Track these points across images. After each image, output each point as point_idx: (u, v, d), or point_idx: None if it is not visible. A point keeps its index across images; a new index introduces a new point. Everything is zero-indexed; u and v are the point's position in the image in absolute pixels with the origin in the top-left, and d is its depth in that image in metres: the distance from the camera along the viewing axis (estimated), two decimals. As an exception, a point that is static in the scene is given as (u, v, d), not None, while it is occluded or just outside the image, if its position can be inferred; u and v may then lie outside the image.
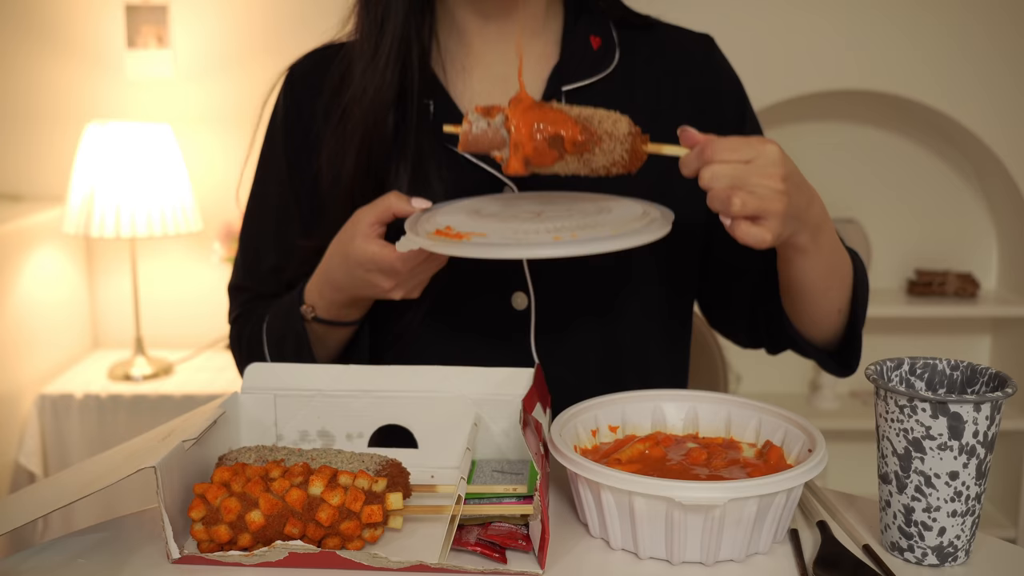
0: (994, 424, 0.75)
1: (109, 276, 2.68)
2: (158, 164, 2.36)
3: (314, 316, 1.05)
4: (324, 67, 1.11)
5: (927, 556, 0.77)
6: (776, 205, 0.85)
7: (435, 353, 1.07)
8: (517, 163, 0.88)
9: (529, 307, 1.07)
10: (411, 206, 0.96)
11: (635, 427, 0.92)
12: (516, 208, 0.98)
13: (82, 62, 2.58)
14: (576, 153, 0.88)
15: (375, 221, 0.97)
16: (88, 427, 2.35)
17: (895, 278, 2.79)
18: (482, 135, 0.90)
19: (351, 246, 0.97)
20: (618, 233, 0.88)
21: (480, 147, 0.91)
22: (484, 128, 0.89)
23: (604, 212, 0.96)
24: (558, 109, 0.89)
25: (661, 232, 0.90)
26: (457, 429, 0.93)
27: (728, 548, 0.77)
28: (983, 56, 2.50)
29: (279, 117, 1.14)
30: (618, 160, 0.90)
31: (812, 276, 0.97)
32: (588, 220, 0.93)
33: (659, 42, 1.13)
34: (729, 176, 0.84)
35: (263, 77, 1.17)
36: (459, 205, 1.00)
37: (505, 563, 0.76)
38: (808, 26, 2.48)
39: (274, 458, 0.84)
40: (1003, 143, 2.52)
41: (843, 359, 1.06)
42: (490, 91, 1.10)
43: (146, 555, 0.79)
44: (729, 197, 0.84)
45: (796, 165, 0.89)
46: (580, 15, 1.11)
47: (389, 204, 0.97)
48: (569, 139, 0.88)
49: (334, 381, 0.95)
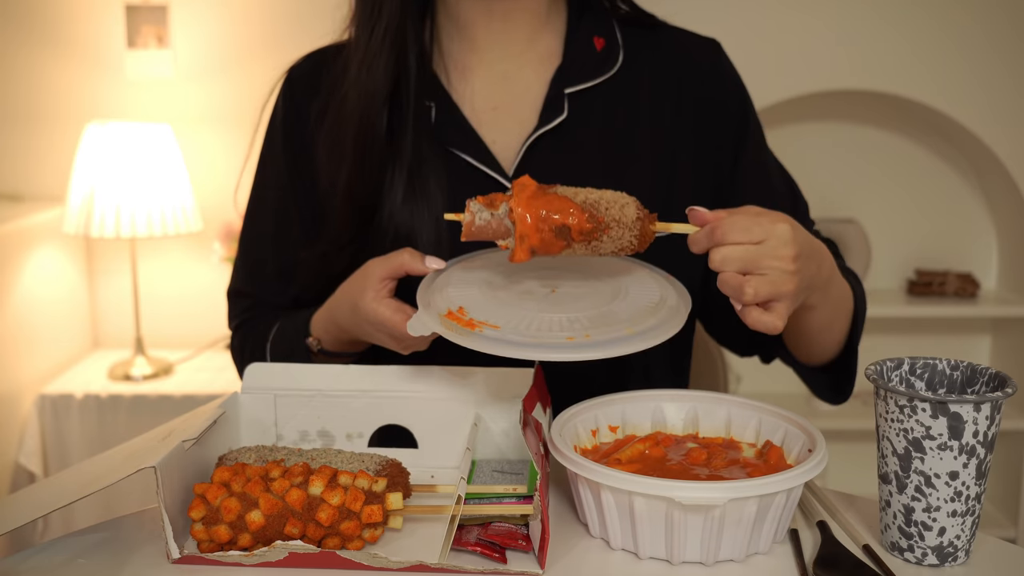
0: (994, 424, 0.75)
1: (109, 276, 2.68)
2: (158, 164, 2.36)
3: (320, 349, 1.05)
4: (323, 69, 1.11)
5: (927, 556, 0.77)
6: (787, 287, 0.83)
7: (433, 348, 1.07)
8: (523, 253, 0.87)
9: None
10: (424, 266, 0.95)
11: (635, 427, 0.92)
12: (531, 282, 0.96)
13: (82, 62, 2.58)
14: (583, 241, 0.86)
15: (386, 276, 0.95)
16: (88, 427, 2.35)
17: (895, 278, 2.79)
18: (486, 226, 0.87)
19: (361, 301, 0.96)
20: (633, 334, 0.86)
21: (484, 236, 0.88)
22: (487, 219, 0.87)
23: (620, 297, 0.93)
24: (563, 196, 0.87)
25: (674, 329, 0.88)
26: (457, 429, 0.93)
27: (728, 548, 0.77)
28: (983, 56, 2.50)
29: (278, 119, 1.14)
30: (626, 245, 0.88)
31: (818, 323, 0.98)
32: (603, 310, 0.90)
33: (664, 44, 1.12)
34: (740, 259, 0.83)
35: (263, 77, 1.17)
36: (472, 276, 0.96)
37: (505, 563, 0.76)
38: (808, 26, 2.48)
39: (274, 458, 0.84)
40: (1003, 143, 2.52)
41: (837, 381, 1.07)
42: (491, 91, 1.09)
43: (146, 555, 0.79)
44: (741, 285, 0.83)
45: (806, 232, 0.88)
46: (583, 13, 1.11)
47: (402, 262, 0.95)
48: (576, 228, 0.86)
49: (334, 381, 0.95)
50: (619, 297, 0.93)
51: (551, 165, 1.05)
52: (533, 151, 1.06)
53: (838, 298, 0.98)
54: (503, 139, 1.07)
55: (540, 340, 0.85)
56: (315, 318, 1.05)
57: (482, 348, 0.85)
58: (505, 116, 1.08)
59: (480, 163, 1.05)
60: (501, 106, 1.09)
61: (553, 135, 1.06)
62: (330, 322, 1.03)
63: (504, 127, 1.08)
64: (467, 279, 0.95)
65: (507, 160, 1.07)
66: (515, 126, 1.08)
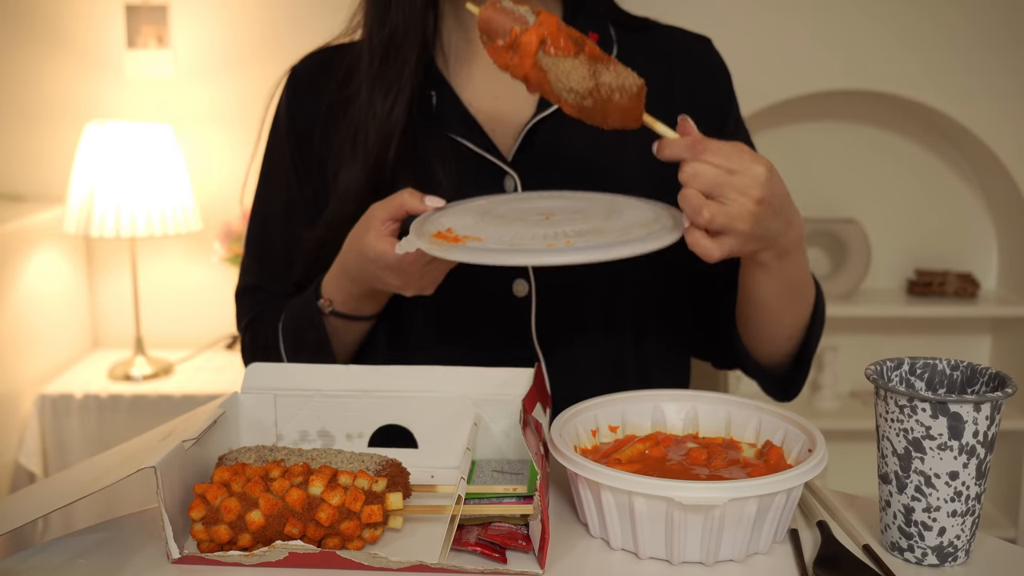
0: (994, 424, 0.75)
1: (109, 276, 2.68)
2: (158, 164, 2.36)
3: (332, 310, 1.05)
4: (326, 67, 1.12)
5: (927, 556, 0.77)
6: (742, 225, 0.84)
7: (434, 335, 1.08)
8: (533, 37, 0.85)
9: (530, 294, 1.07)
10: (424, 204, 0.96)
11: (635, 427, 0.92)
12: (527, 208, 0.97)
13: (82, 62, 2.58)
14: (591, 61, 0.86)
15: (388, 218, 0.97)
16: (88, 427, 2.35)
17: (895, 278, 2.79)
18: (506, 11, 0.87)
19: (364, 241, 0.98)
20: (617, 240, 0.86)
21: (500, 22, 0.87)
22: (511, 7, 0.87)
23: (615, 215, 0.93)
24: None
25: (660, 243, 0.86)
26: (457, 429, 0.93)
27: (728, 548, 0.77)
28: (983, 56, 2.49)
29: (282, 118, 1.15)
30: (626, 88, 0.87)
31: (766, 292, 0.99)
32: (593, 225, 0.90)
33: (657, 41, 1.14)
34: (709, 181, 0.84)
35: (263, 77, 1.18)
36: (470, 205, 0.98)
37: (505, 563, 0.76)
38: (807, 26, 2.48)
39: (274, 458, 0.84)
40: (1003, 143, 2.52)
41: (784, 384, 1.09)
42: (491, 84, 1.11)
43: (146, 555, 0.79)
44: (701, 206, 0.84)
45: (787, 190, 0.89)
46: (577, 14, 1.12)
47: (403, 201, 0.96)
48: (590, 48, 0.87)
49: (334, 381, 0.95)
50: (613, 216, 0.93)
51: (549, 150, 1.08)
52: (531, 137, 1.08)
53: (794, 277, 0.98)
54: (502, 128, 1.10)
55: (520, 247, 0.85)
56: (326, 278, 1.07)
57: (460, 258, 0.85)
58: (504, 105, 1.10)
59: (480, 149, 1.07)
60: (501, 96, 1.11)
61: (551, 121, 1.08)
62: (341, 275, 1.04)
63: (503, 116, 1.10)
64: (464, 210, 0.97)
65: (506, 147, 1.09)
66: (514, 115, 1.10)
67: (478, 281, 1.06)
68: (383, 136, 1.05)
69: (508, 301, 1.08)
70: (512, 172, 1.07)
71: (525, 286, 1.07)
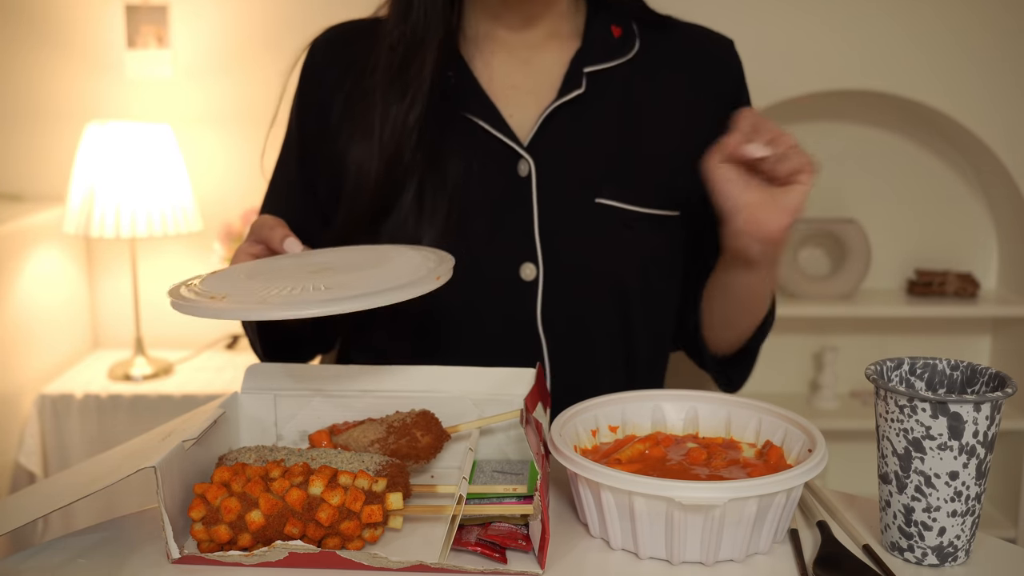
0: (994, 424, 0.75)
1: (109, 276, 2.68)
2: (158, 164, 2.36)
3: None
4: (346, 42, 1.14)
5: (927, 556, 0.77)
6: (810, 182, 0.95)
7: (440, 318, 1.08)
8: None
9: (537, 278, 1.07)
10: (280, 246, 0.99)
11: (635, 427, 0.92)
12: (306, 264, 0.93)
13: (82, 62, 2.58)
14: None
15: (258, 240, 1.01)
16: (88, 427, 2.35)
17: (895, 278, 2.79)
18: None
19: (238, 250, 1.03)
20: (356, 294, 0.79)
21: None
22: None
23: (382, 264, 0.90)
24: None
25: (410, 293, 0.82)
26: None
27: (728, 548, 0.77)
28: (983, 56, 2.50)
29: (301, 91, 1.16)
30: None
31: (741, 288, 1.08)
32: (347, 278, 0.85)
33: (679, 39, 1.16)
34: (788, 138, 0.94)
35: (263, 77, 1.18)
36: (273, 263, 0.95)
37: (505, 563, 0.76)
38: (808, 26, 2.49)
39: (274, 458, 0.84)
40: (1003, 143, 2.52)
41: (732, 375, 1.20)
42: (511, 72, 1.12)
43: (146, 555, 0.79)
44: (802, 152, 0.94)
45: None
46: (600, 10, 1.15)
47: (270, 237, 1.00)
48: None
49: (334, 381, 0.95)
50: (381, 265, 0.90)
51: (567, 136, 1.09)
52: (549, 123, 1.09)
53: (764, 291, 1.10)
54: (520, 113, 1.11)
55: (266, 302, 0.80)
56: None
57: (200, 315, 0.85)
58: (524, 93, 1.12)
59: (496, 131, 1.08)
60: (521, 85, 1.12)
61: (570, 108, 1.09)
62: None
63: (522, 103, 1.11)
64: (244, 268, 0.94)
65: (523, 132, 1.10)
66: (533, 102, 1.11)
67: (482, 266, 1.07)
68: (398, 137, 1.06)
69: (516, 285, 1.08)
70: (527, 156, 1.08)
71: (533, 270, 1.08)
